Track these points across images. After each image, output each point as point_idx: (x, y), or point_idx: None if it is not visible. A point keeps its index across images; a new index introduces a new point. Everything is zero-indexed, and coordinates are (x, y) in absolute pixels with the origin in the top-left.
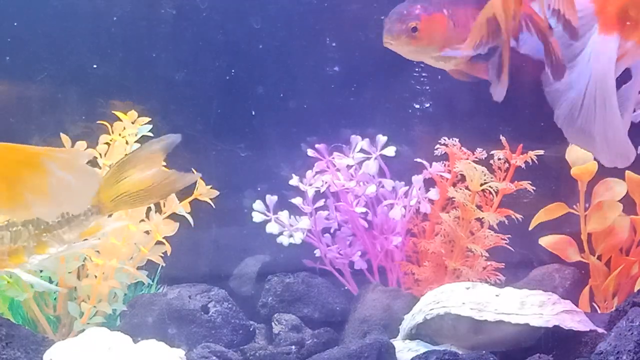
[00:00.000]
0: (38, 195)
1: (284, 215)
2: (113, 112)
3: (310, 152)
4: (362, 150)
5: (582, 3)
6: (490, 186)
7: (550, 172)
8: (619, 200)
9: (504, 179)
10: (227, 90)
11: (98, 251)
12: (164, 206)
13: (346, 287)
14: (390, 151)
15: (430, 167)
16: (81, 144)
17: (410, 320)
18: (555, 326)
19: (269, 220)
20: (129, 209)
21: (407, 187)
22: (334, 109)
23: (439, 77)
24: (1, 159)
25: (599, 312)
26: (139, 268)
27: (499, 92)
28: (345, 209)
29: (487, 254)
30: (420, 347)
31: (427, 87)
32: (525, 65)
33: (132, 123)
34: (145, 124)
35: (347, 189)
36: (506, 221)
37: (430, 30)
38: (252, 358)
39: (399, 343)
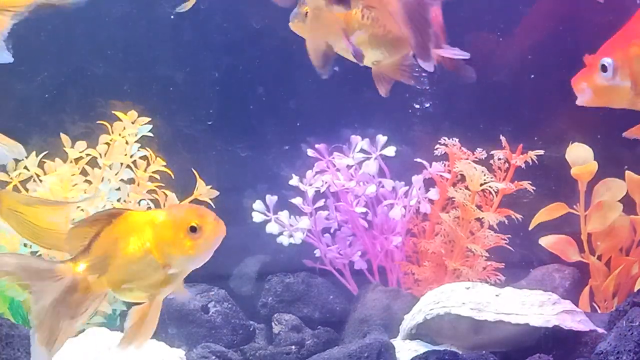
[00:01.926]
0: None
1: (284, 215)
2: (113, 112)
3: (310, 152)
4: (362, 150)
5: None
6: (490, 186)
7: (550, 172)
8: (619, 200)
9: (504, 179)
10: (227, 90)
11: None
12: (164, 206)
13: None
14: (390, 151)
15: (430, 167)
16: (81, 144)
17: (410, 320)
18: (555, 326)
19: (269, 220)
20: (14, 228)
21: (407, 187)
22: (334, 109)
23: (439, 77)
24: None
25: (599, 312)
26: None
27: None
28: (345, 209)
29: (487, 254)
30: (420, 347)
31: (427, 87)
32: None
33: (132, 123)
34: (145, 124)
35: (347, 189)
36: (506, 221)
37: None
38: (252, 358)
39: (399, 343)
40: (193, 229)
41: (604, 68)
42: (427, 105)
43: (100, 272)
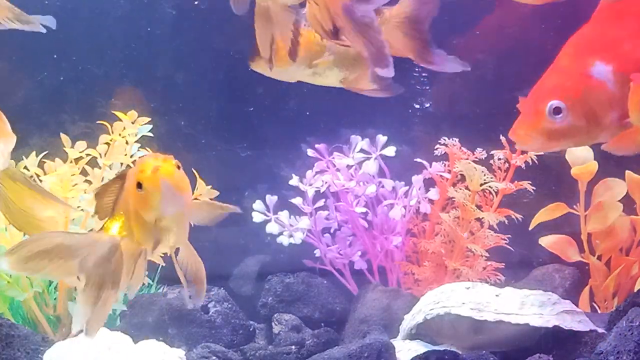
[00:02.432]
0: None
1: (284, 215)
2: (113, 112)
3: (310, 152)
4: (362, 150)
5: None
6: (490, 186)
7: (550, 172)
8: (619, 200)
9: (504, 179)
10: (228, 91)
11: None
12: None
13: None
14: (390, 151)
15: (430, 167)
16: (81, 144)
17: (410, 320)
18: (555, 326)
19: (269, 220)
20: None
21: (407, 187)
22: (334, 109)
23: (439, 77)
24: None
25: (599, 312)
26: None
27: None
28: (345, 209)
29: (487, 254)
30: (420, 347)
31: (427, 87)
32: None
33: (132, 123)
34: (145, 124)
35: (347, 189)
36: (506, 221)
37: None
38: (252, 358)
39: (399, 343)
40: (139, 186)
41: (557, 110)
42: (427, 105)
43: (127, 232)
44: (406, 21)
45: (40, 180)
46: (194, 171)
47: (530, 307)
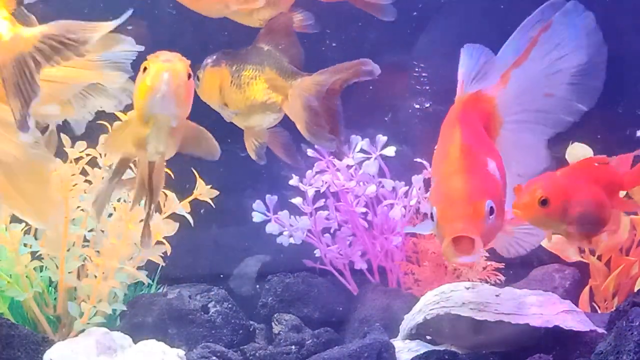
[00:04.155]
0: None
1: (284, 215)
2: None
3: (310, 152)
4: (362, 150)
5: None
6: None
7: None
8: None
9: None
10: None
11: (98, 251)
12: (164, 206)
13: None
14: (390, 151)
15: (430, 167)
16: (81, 144)
17: (410, 320)
18: (555, 326)
19: (269, 220)
20: None
21: (407, 187)
22: None
23: (439, 77)
24: None
25: (599, 312)
26: (139, 268)
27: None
28: (345, 209)
29: (487, 254)
30: (420, 347)
31: (427, 87)
32: None
33: None
34: None
35: (347, 189)
36: None
37: (209, 82)
38: (252, 358)
39: (399, 343)
40: (144, 70)
41: (492, 210)
42: (427, 105)
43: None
44: (311, 97)
45: None
46: (194, 171)
47: (530, 307)
